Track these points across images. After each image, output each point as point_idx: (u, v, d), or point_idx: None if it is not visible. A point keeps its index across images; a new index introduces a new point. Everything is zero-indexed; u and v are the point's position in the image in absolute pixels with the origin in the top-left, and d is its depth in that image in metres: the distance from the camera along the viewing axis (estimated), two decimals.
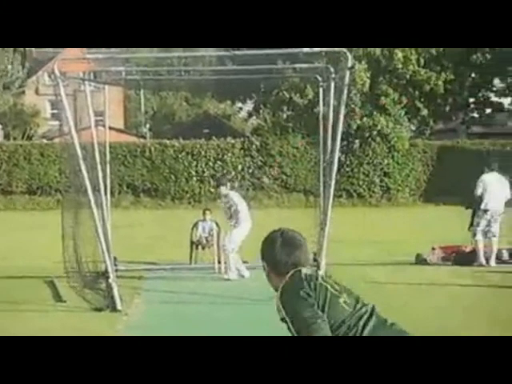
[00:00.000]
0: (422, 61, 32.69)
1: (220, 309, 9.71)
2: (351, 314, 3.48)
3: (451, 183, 29.46)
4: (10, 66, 38.43)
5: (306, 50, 10.41)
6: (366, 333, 3.46)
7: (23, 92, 45.69)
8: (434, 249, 13.57)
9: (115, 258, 11.77)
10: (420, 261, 13.36)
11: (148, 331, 8.48)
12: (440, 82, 33.05)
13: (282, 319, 3.52)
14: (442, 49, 32.50)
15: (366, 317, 3.53)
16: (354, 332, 3.44)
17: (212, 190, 28.26)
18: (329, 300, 3.46)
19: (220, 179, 13.13)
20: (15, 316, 9.11)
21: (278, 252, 3.65)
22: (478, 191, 13.22)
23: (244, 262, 12.49)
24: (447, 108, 35.77)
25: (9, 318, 9.03)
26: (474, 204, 13.41)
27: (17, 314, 9.24)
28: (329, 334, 3.38)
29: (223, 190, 12.18)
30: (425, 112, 33.84)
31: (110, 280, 9.93)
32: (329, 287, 3.53)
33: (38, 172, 30.72)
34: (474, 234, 13.25)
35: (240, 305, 9.92)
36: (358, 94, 30.99)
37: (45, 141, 36.77)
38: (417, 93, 33.34)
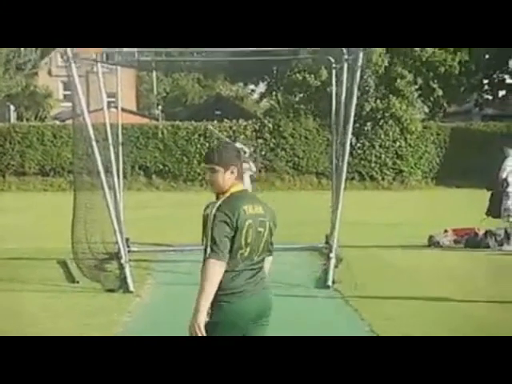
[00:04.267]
0: None
1: None
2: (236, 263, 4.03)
3: (464, 166, 29.35)
4: (22, 48, 38.39)
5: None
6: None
7: (36, 73, 45.65)
8: (446, 231, 13.55)
9: (128, 240, 11.81)
10: (432, 243, 13.34)
11: (160, 312, 8.52)
12: (455, 64, 32.79)
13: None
14: None
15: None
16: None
17: None
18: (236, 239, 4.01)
19: None
20: (28, 297, 9.17)
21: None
22: (503, 174, 13.19)
23: None
24: (461, 89, 35.47)
25: (22, 298, 9.09)
26: (496, 186, 13.33)
27: (29, 294, 9.30)
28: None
29: None
30: (439, 93, 33.58)
31: (123, 261, 9.97)
32: (243, 233, 4.01)
33: (50, 153, 30.82)
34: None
35: None
36: (372, 76, 30.85)
37: (57, 122, 36.83)
38: (431, 74, 33.09)
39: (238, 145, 12.15)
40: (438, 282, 10.16)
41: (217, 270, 3.93)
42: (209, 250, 3.95)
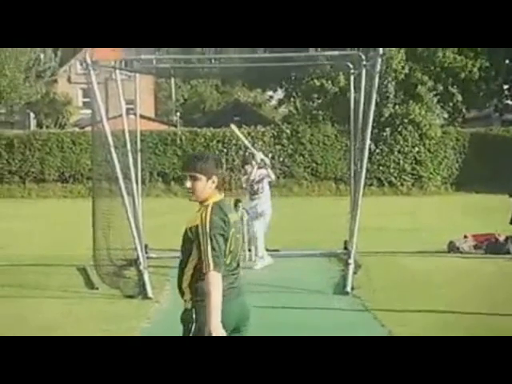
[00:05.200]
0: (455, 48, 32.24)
1: (250, 297, 9.70)
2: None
3: (484, 171, 29.18)
4: (42, 55, 38.73)
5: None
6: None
7: (55, 81, 46.02)
8: (466, 237, 13.46)
9: (146, 246, 11.83)
10: (452, 249, 13.25)
11: (179, 318, 8.52)
12: (475, 69, 32.62)
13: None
14: None
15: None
16: None
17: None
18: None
19: (246, 158, 12.76)
20: (47, 303, 9.22)
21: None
22: None
23: (275, 250, 12.49)
24: (481, 94, 35.26)
25: (42, 304, 9.14)
26: None
27: (49, 301, 9.34)
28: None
29: (248, 168, 11.99)
30: (458, 98, 33.41)
31: (141, 267, 9.99)
32: (228, 242, 4.12)
33: (70, 160, 31.00)
34: None
35: (269, 292, 9.93)
36: (392, 82, 30.75)
37: (77, 129, 37.06)
38: (450, 79, 32.94)
39: (258, 155, 12.04)
40: (458, 288, 10.09)
41: (220, 281, 4.04)
42: (212, 263, 4.02)
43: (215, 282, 4.01)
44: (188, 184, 4.22)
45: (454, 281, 10.68)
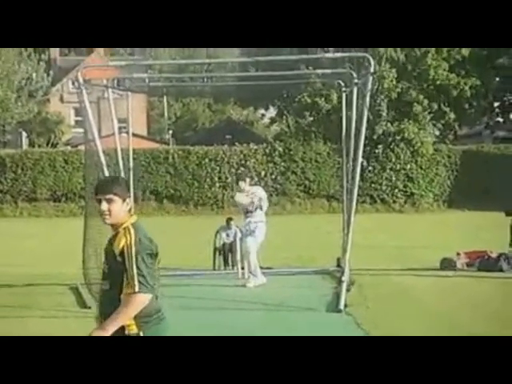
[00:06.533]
0: (446, 66, 32.46)
1: (244, 315, 9.69)
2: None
3: (476, 188, 29.27)
4: (34, 74, 38.70)
5: (327, 55, 10.40)
6: None
7: (48, 100, 46.01)
8: (458, 254, 13.47)
9: None
10: (445, 266, 13.25)
11: (171, 335, 8.47)
12: (467, 87, 32.80)
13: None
14: (467, 53, 32.33)
15: None
16: None
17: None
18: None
19: (240, 175, 12.74)
20: (39, 323, 9.16)
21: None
22: None
23: (268, 268, 12.46)
24: (472, 112, 35.45)
25: (34, 324, 9.08)
26: None
27: (41, 320, 9.29)
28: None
29: (242, 184, 11.93)
30: (451, 116, 33.59)
31: None
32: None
33: (62, 179, 30.96)
34: None
35: (262, 310, 9.90)
36: (385, 100, 30.91)
37: (69, 148, 37.04)
38: (442, 97, 33.12)
39: (260, 192, 12.00)
40: (450, 305, 10.09)
41: (143, 303, 4.01)
42: (137, 284, 3.96)
43: (137, 306, 3.97)
44: (104, 207, 4.16)
45: (447, 298, 10.68)
